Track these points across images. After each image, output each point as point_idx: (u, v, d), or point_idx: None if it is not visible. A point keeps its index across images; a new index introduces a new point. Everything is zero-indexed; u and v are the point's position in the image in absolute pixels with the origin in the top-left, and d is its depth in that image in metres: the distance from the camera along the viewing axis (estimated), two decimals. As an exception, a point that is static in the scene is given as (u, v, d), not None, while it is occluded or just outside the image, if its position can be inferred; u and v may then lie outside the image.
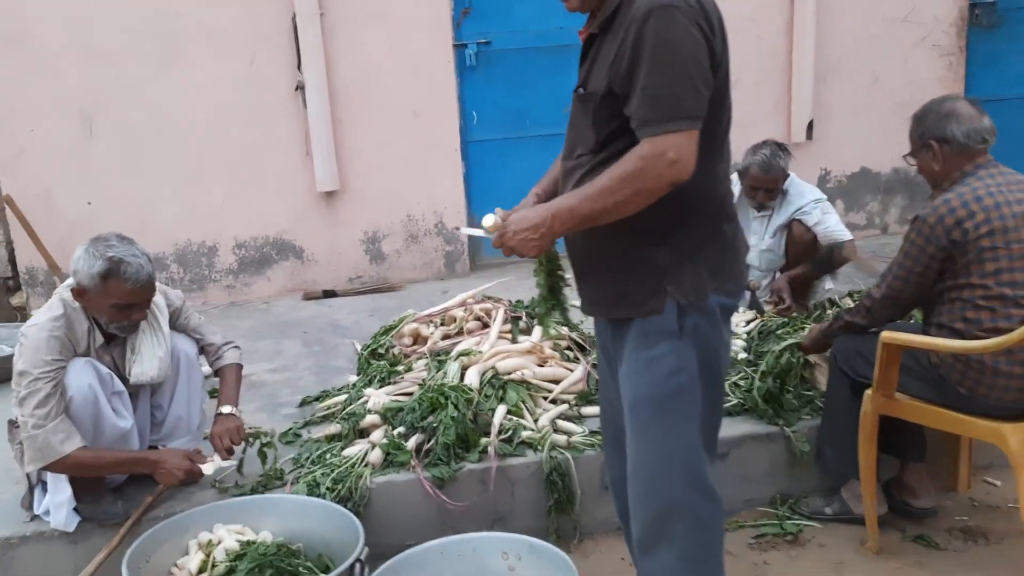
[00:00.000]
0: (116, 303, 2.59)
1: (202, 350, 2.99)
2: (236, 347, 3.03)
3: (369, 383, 3.45)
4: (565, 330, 3.63)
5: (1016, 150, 6.15)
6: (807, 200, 4.03)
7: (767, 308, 3.96)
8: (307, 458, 3.05)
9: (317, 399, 3.62)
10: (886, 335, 2.64)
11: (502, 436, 3.04)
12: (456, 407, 3.02)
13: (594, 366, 3.50)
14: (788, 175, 4.02)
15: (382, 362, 3.62)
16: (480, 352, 3.36)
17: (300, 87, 5.13)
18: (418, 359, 3.54)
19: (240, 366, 3.01)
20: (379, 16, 5.20)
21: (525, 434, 3.05)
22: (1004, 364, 2.51)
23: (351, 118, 5.27)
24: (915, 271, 2.67)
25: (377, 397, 3.21)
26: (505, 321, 3.64)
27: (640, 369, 2.12)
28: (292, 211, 5.35)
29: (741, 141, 5.63)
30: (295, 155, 5.25)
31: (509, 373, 3.28)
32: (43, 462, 2.57)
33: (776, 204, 4.08)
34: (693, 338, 2.07)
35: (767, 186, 3.98)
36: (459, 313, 3.76)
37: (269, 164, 5.26)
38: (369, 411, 3.15)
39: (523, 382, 3.26)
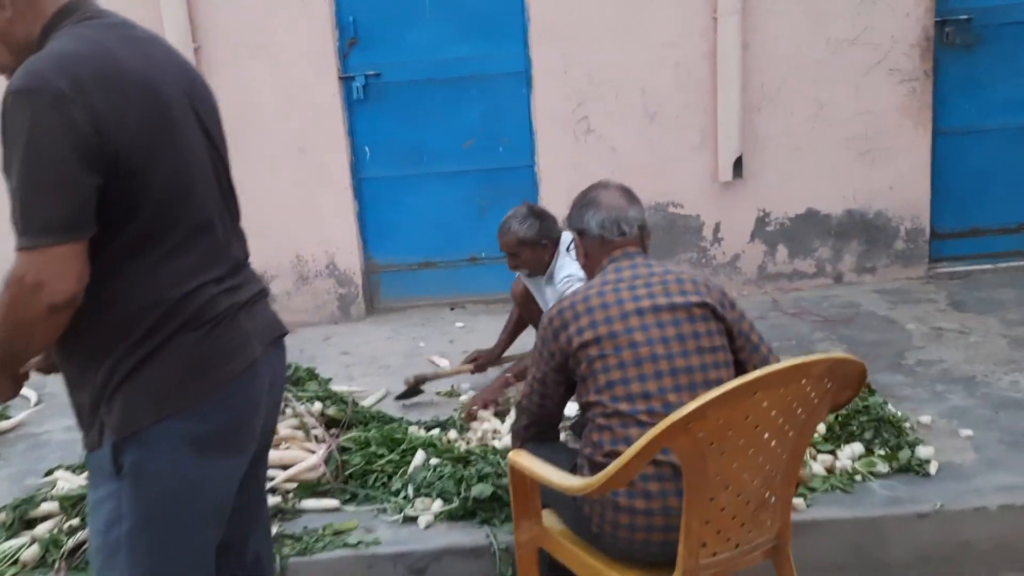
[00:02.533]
0: None
1: None
2: None
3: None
4: (318, 406, 3.30)
5: (997, 186, 5.38)
6: (562, 275, 3.42)
7: None
8: (-28, 549, 2.81)
9: (59, 471, 3.34)
10: (510, 456, 2.19)
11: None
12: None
13: (341, 448, 3.14)
14: (539, 243, 3.47)
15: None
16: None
17: (175, 123, 4.97)
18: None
19: None
20: (260, 48, 4.96)
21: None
22: (624, 497, 2.01)
23: (232, 154, 5.03)
24: (537, 378, 2.24)
25: (64, 481, 2.95)
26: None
27: (89, 513, 1.79)
28: (176, 250, 5.17)
29: (665, 179, 5.12)
30: (176, 193, 5.07)
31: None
32: None
33: (551, 274, 3.53)
34: (134, 479, 1.69)
35: (505, 251, 3.51)
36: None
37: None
38: (48, 498, 2.89)
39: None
